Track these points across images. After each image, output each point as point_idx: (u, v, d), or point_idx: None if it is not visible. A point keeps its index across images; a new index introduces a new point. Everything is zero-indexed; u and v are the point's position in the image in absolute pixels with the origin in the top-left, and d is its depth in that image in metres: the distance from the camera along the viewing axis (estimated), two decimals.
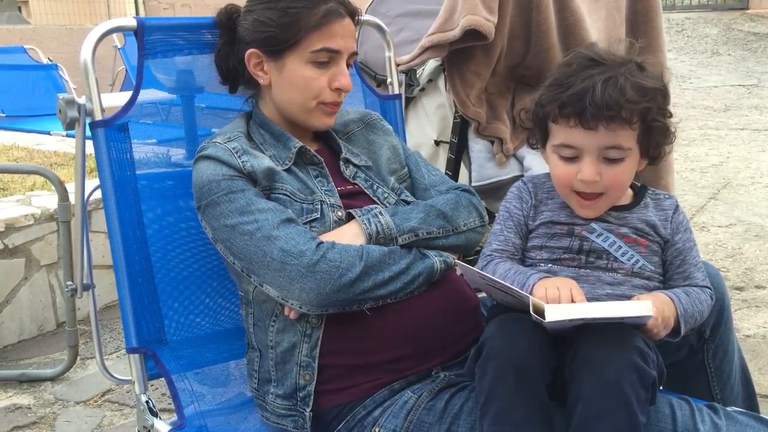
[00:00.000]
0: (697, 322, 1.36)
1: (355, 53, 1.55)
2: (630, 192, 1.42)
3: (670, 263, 1.39)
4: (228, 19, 1.57)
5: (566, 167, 1.33)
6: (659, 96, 1.30)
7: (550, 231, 1.38)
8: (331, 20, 1.47)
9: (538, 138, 1.40)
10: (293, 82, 1.50)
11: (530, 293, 1.26)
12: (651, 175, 2.40)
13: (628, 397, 1.15)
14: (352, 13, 1.53)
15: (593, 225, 1.36)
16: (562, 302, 1.22)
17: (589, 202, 1.34)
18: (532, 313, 1.18)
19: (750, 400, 1.64)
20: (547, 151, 1.38)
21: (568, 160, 1.32)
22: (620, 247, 1.35)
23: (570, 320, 1.17)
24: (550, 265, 1.36)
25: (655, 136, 1.33)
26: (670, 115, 1.35)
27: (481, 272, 1.30)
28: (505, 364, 1.20)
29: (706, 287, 1.39)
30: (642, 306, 1.20)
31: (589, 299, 1.28)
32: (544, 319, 1.15)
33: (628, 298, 1.32)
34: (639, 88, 1.26)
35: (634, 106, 1.26)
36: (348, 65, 1.53)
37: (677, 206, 1.41)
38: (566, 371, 1.22)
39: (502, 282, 1.25)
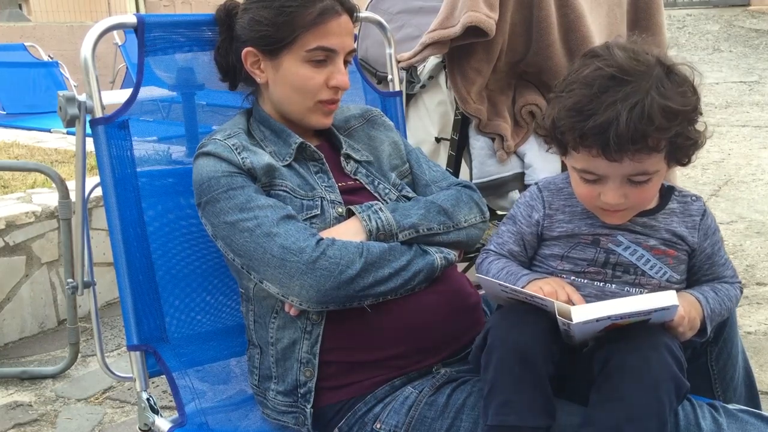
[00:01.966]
0: (724, 317, 1.35)
1: (354, 50, 1.54)
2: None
3: (698, 267, 1.36)
4: (227, 15, 1.57)
5: (589, 187, 1.25)
6: (690, 112, 1.19)
7: (572, 241, 1.33)
8: (326, 18, 1.46)
9: (557, 150, 1.30)
10: (290, 81, 1.50)
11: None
12: None
13: (662, 405, 1.15)
14: (350, 10, 1.52)
15: (620, 237, 1.30)
16: (559, 298, 1.21)
17: (616, 212, 1.28)
18: (558, 318, 1.16)
19: (752, 401, 1.63)
20: (568, 165, 1.30)
21: (591, 182, 1.25)
22: (648, 260, 1.30)
23: (597, 320, 1.15)
24: (573, 277, 1.32)
25: (684, 150, 1.23)
26: (701, 113, 1.23)
27: (502, 283, 1.26)
28: (509, 354, 1.19)
29: (737, 282, 1.37)
30: (667, 296, 1.17)
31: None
32: (572, 321, 1.13)
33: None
34: (668, 112, 1.15)
35: (662, 135, 1.16)
36: (346, 63, 1.53)
37: (705, 210, 1.36)
38: (596, 366, 1.20)
39: (524, 290, 1.23)
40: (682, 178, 5.03)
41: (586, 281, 1.32)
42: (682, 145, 1.21)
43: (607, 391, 1.17)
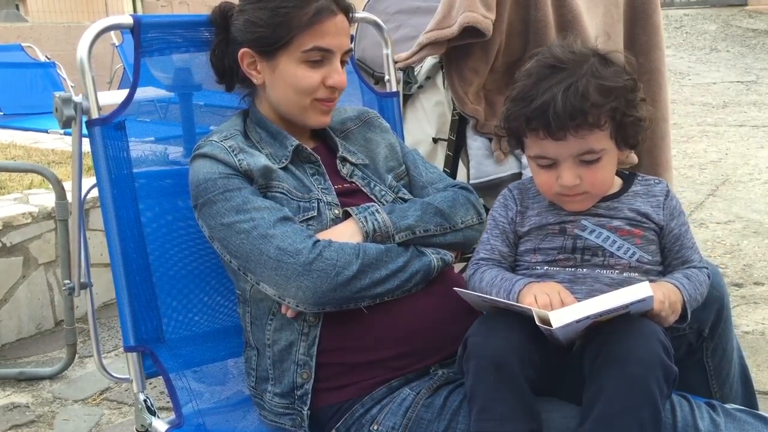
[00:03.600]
0: (699, 303, 1.37)
1: (350, 50, 1.54)
2: (618, 180, 1.40)
3: (668, 250, 1.38)
4: (222, 17, 1.56)
5: (546, 174, 1.32)
6: (626, 92, 1.28)
7: (541, 233, 1.37)
8: (322, 18, 1.46)
9: (516, 146, 1.39)
10: (287, 81, 1.50)
11: (516, 301, 1.26)
12: (649, 171, 2.39)
13: (653, 393, 1.16)
14: (345, 10, 1.51)
15: (584, 222, 1.34)
16: (554, 306, 1.21)
17: (575, 197, 1.33)
18: (539, 324, 1.18)
19: (749, 399, 1.64)
20: (527, 159, 1.37)
21: (546, 167, 1.32)
22: (615, 241, 1.33)
23: (577, 321, 1.17)
24: (546, 267, 1.35)
25: (628, 129, 1.31)
26: (642, 100, 1.32)
27: (482, 295, 1.29)
28: (484, 361, 1.21)
29: (704, 267, 1.39)
30: (641, 288, 1.19)
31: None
32: (552, 327, 1.15)
33: None
34: (602, 89, 1.24)
35: (599, 110, 1.24)
36: (343, 62, 1.53)
37: (668, 191, 1.39)
38: (586, 364, 1.21)
39: (504, 300, 1.25)
40: (680, 178, 5.04)
41: (558, 269, 1.34)
42: (625, 123, 1.28)
43: (598, 387, 1.18)
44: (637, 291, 1.19)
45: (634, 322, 1.21)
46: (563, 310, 1.18)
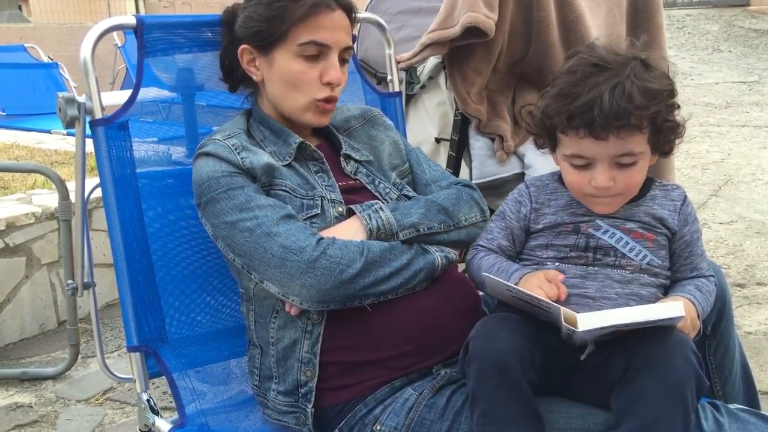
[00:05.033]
0: (707, 313, 1.37)
1: (350, 48, 1.54)
2: None
3: (678, 255, 1.38)
4: (233, 17, 1.57)
5: (579, 174, 1.31)
6: (668, 96, 1.28)
7: (555, 230, 1.37)
8: (317, 12, 1.46)
9: (547, 144, 1.38)
10: (283, 77, 1.50)
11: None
12: (651, 172, 2.39)
13: (687, 402, 1.16)
14: (345, 6, 1.51)
15: (599, 222, 1.34)
16: (561, 297, 1.22)
17: (605, 199, 1.32)
18: (563, 323, 1.17)
19: (751, 397, 1.64)
20: (558, 157, 1.36)
21: (580, 168, 1.30)
22: (627, 243, 1.33)
23: (601, 328, 1.16)
24: (557, 263, 1.35)
25: (665, 135, 1.31)
26: (678, 107, 1.32)
27: (508, 284, 1.27)
28: (486, 365, 1.21)
29: (711, 275, 1.40)
30: (674, 307, 1.19)
31: (599, 298, 1.29)
32: (577, 329, 1.14)
33: (638, 296, 1.31)
34: (647, 92, 1.23)
35: (643, 112, 1.23)
36: (344, 60, 1.53)
37: (685, 197, 1.40)
38: (615, 371, 1.21)
39: (530, 294, 1.23)
40: (682, 178, 5.03)
41: (569, 265, 1.34)
42: (664, 127, 1.28)
43: (631, 393, 1.18)
44: (671, 309, 1.19)
45: (666, 333, 1.21)
46: (591, 315, 1.16)
